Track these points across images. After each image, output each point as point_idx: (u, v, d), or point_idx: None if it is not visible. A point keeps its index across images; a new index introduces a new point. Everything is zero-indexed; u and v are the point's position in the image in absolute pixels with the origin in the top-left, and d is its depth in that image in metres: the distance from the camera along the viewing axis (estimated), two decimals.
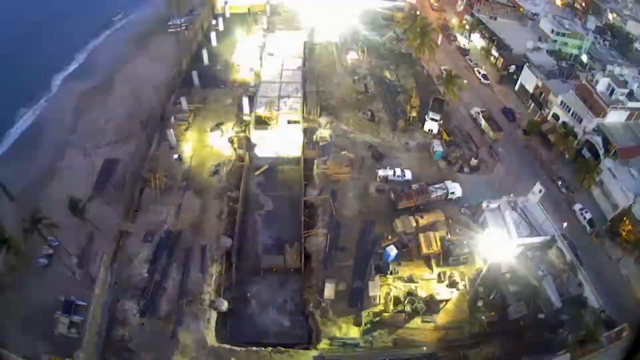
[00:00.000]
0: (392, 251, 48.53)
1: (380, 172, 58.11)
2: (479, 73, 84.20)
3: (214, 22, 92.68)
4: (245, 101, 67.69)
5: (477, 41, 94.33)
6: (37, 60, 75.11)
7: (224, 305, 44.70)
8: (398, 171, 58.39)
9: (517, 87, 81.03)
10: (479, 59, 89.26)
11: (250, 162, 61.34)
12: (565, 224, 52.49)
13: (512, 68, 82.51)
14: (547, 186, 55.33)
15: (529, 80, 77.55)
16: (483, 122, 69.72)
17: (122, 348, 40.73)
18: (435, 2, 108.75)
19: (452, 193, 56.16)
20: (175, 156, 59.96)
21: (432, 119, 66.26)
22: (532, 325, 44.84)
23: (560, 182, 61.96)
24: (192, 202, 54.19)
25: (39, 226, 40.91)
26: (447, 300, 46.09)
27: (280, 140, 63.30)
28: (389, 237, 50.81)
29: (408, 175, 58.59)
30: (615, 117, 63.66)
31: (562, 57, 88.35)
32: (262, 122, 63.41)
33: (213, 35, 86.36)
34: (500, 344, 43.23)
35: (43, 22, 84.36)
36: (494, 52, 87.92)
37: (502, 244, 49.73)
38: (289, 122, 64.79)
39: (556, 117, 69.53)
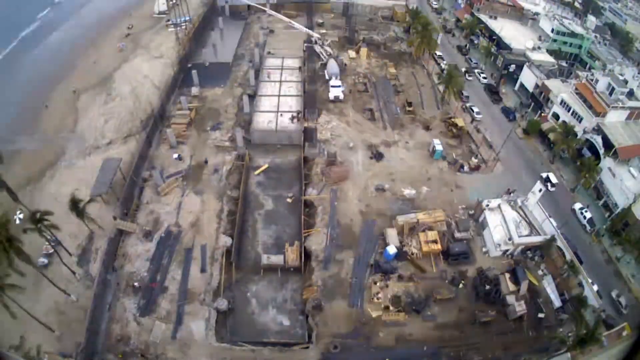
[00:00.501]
0: (392, 250, 48.57)
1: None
2: (480, 74, 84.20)
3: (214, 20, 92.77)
4: (245, 100, 67.76)
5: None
6: None
7: (224, 304, 44.73)
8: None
9: (517, 87, 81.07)
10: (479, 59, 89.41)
11: (250, 161, 61.35)
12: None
13: (512, 67, 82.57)
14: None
15: (529, 79, 77.56)
16: None
17: (122, 348, 40.76)
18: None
19: None
20: (175, 155, 60.01)
21: None
22: (532, 324, 44.93)
23: (547, 182, 60.43)
24: (192, 202, 54.25)
25: (40, 226, 40.93)
26: (447, 299, 46.10)
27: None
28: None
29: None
30: (615, 117, 63.69)
31: (562, 56, 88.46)
32: None
33: (213, 34, 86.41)
34: (500, 344, 43.28)
35: None
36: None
37: (501, 243, 49.98)
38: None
39: (556, 116, 69.59)
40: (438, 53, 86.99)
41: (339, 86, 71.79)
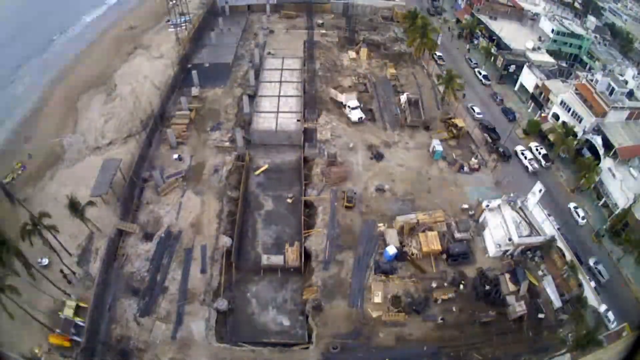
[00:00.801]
0: (392, 250, 48.56)
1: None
2: (480, 74, 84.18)
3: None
4: (245, 100, 67.73)
5: None
6: None
7: (224, 304, 44.73)
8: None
9: (517, 87, 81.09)
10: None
11: (250, 162, 61.33)
12: None
13: (512, 68, 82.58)
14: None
15: (529, 80, 77.57)
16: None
17: (122, 348, 40.76)
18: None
19: None
20: (175, 156, 60.00)
21: None
22: (532, 325, 44.92)
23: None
24: (192, 202, 54.23)
25: (39, 227, 40.99)
26: (447, 299, 46.07)
27: None
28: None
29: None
30: (615, 117, 63.67)
31: (562, 56, 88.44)
32: None
33: (213, 34, 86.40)
34: (500, 344, 43.26)
35: None
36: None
37: (501, 244, 49.95)
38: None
39: (556, 116, 69.57)
40: (438, 54, 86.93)
41: (357, 107, 68.05)
